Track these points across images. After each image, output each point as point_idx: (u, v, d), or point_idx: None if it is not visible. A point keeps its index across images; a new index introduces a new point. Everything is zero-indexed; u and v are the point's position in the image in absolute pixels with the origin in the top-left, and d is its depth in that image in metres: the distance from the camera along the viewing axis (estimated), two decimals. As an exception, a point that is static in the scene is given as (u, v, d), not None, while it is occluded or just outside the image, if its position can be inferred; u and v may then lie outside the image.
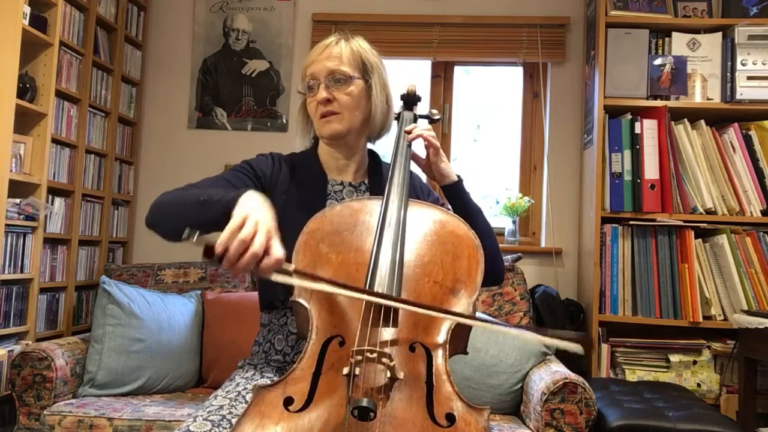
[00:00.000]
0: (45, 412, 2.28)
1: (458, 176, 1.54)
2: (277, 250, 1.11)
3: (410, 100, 1.62)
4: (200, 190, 1.34)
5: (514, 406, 2.47)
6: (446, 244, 1.31)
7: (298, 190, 1.53)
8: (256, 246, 1.08)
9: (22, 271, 2.63)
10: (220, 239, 1.08)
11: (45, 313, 2.82)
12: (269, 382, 1.13)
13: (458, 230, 1.34)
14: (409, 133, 1.50)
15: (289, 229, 1.32)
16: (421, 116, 1.63)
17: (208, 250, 1.08)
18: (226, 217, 1.15)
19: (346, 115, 1.49)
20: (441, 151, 1.53)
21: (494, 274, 1.49)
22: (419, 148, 1.54)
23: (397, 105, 1.62)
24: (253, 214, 1.12)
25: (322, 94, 1.48)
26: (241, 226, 1.09)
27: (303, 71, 1.54)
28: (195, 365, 2.71)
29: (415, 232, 1.32)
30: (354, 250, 1.28)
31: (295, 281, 1.17)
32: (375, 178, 1.59)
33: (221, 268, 1.09)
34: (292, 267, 1.16)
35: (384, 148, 1.66)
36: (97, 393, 2.47)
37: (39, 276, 2.71)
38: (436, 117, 1.66)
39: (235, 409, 1.29)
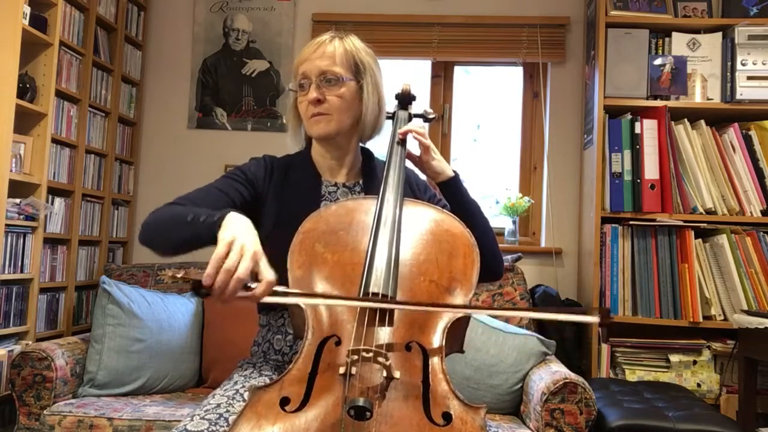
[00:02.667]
0: (45, 412, 2.28)
1: (454, 172, 1.53)
2: (268, 274, 1.12)
3: (405, 99, 1.62)
4: (187, 208, 1.34)
5: (514, 406, 2.47)
6: (442, 242, 1.31)
7: (292, 192, 1.53)
8: (241, 273, 1.09)
9: (22, 271, 2.64)
10: (207, 271, 1.08)
11: (45, 313, 2.83)
12: (265, 383, 1.13)
13: (454, 229, 1.34)
14: (403, 140, 1.50)
15: (283, 230, 1.33)
16: (416, 115, 1.63)
17: (196, 284, 1.08)
18: (212, 236, 1.17)
19: (335, 116, 1.49)
20: (433, 148, 1.52)
21: (493, 269, 1.49)
22: (413, 146, 1.54)
23: (391, 104, 1.61)
24: (238, 240, 1.12)
25: (313, 94, 1.47)
26: (226, 255, 1.10)
27: (295, 68, 1.54)
28: (195, 365, 2.71)
29: (410, 231, 1.32)
30: (350, 249, 1.28)
31: (288, 300, 1.18)
32: (369, 178, 1.59)
33: (212, 299, 1.10)
34: (282, 288, 1.16)
35: (380, 146, 1.65)
36: (97, 393, 2.47)
37: (39, 276, 2.72)
38: (431, 116, 1.65)
39: (232, 407, 1.29)
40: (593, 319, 1.13)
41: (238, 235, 1.14)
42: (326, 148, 1.57)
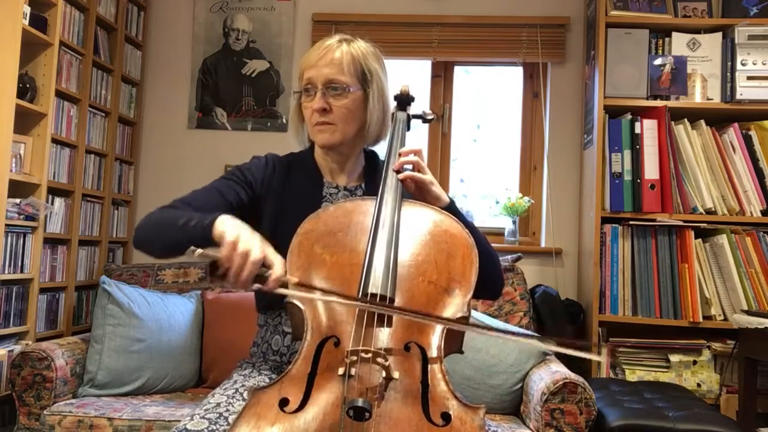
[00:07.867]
0: (45, 412, 2.29)
1: (450, 199, 1.45)
2: (277, 259, 1.18)
3: (403, 100, 1.61)
4: (179, 212, 1.35)
5: (514, 406, 2.47)
6: (440, 243, 1.31)
7: (293, 192, 1.53)
8: (256, 256, 1.14)
9: (22, 271, 2.64)
10: (223, 253, 1.14)
11: (45, 313, 2.83)
12: (265, 384, 1.13)
13: (452, 229, 1.34)
14: (398, 171, 1.41)
15: (284, 230, 1.33)
16: (415, 116, 1.63)
17: (213, 265, 1.14)
18: (204, 239, 1.21)
19: (340, 126, 1.48)
20: (429, 179, 1.42)
21: (490, 288, 1.46)
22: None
23: (390, 105, 1.61)
24: (244, 231, 1.18)
25: (319, 103, 1.46)
26: (237, 241, 1.15)
27: (300, 70, 1.53)
28: (195, 365, 2.71)
29: (409, 231, 1.32)
30: (348, 251, 1.28)
31: (295, 293, 1.20)
32: (371, 181, 1.57)
33: (227, 284, 1.15)
34: (294, 279, 1.19)
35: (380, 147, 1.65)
36: (97, 393, 2.47)
37: (39, 276, 2.72)
38: (430, 117, 1.65)
39: (232, 406, 1.30)
40: (596, 357, 1.12)
41: (241, 228, 1.20)
42: (328, 153, 1.56)
